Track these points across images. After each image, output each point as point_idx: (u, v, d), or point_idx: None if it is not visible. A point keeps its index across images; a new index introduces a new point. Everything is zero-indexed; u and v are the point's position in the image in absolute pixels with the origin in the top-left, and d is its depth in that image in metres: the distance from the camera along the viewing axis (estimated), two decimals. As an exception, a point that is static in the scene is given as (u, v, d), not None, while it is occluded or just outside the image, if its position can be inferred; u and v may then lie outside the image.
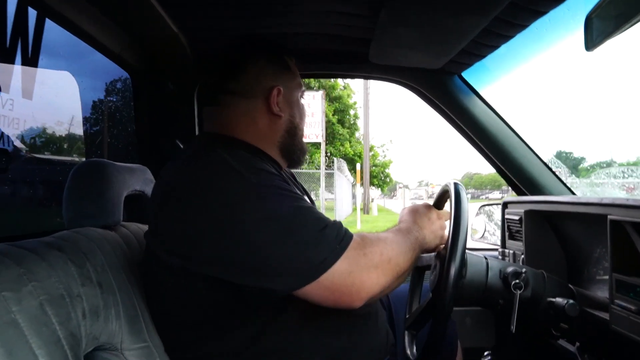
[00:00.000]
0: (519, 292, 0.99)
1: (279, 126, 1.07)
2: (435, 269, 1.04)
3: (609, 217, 0.95)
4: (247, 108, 1.04)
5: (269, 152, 1.06)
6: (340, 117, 20.94)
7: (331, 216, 1.18)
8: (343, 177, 16.46)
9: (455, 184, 1.01)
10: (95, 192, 1.00)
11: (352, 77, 1.56)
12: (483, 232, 1.75)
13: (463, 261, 0.97)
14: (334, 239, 0.84)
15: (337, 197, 14.78)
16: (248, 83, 1.04)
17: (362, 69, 1.52)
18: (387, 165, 25.02)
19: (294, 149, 1.11)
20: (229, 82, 1.05)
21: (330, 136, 20.16)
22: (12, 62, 1.11)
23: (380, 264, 0.86)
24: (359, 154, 20.67)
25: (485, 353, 1.49)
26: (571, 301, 0.95)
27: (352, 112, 21.71)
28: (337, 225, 0.87)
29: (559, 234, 1.29)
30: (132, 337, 0.87)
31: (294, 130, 1.10)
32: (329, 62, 1.48)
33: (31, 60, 1.14)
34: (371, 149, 23.07)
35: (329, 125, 19.65)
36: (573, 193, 1.48)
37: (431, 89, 1.50)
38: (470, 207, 0.99)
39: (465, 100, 1.48)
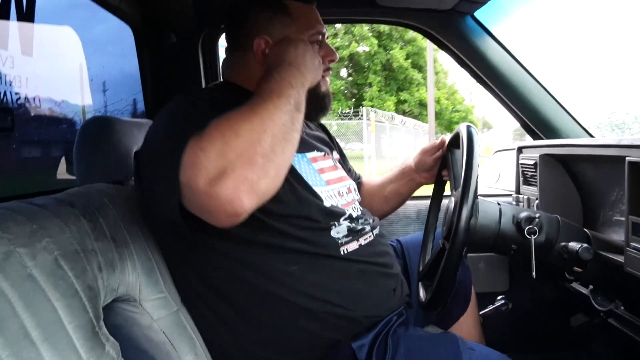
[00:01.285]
0: (533, 237, 0.98)
1: None
2: (447, 214, 1.04)
3: (627, 158, 0.92)
4: (242, 60, 1.04)
5: None
6: (414, 60, 18.96)
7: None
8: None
9: (468, 126, 0.99)
10: (104, 148, 1.00)
11: (360, 22, 1.50)
12: (498, 177, 1.73)
13: (475, 206, 0.96)
14: (174, 151, 0.71)
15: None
16: (240, 35, 1.03)
17: (370, 12, 1.46)
18: (470, 110, 21.88)
19: None
20: (227, 34, 1.06)
21: (404, 82, 18.67)
22: (7, 17, 1.09)
23: (227, 148, 0.69)
24: (437, 99, 18.32)
25: (499, 297, 1.51)
26: (585, 245, 0.94)
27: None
28: (187, 135, 0.71)
29: (575, 177, 1.26)
30: (149, 288, 0.89)
31: None
32: (335, 7, 1.42)
33: (27, 16, 1.11)
34: (453, 93, 21.25)
35: (400, 70, 18.45)
36: (591, 135, 1.44)
37: (443, 31, 1.43)
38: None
39: (478, 41, 1.42)
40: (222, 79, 1.12)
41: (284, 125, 0.75)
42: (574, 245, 0.95)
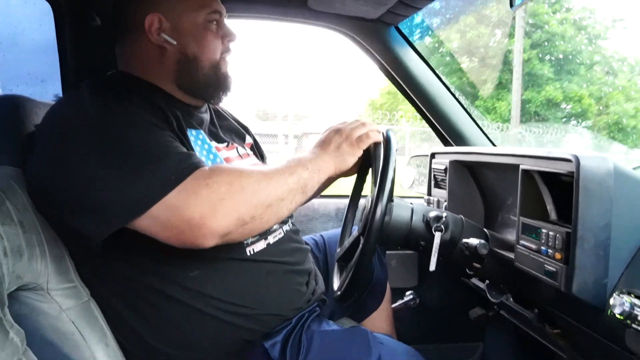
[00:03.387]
0: (439, 234, 1.07)
1: (169, 59, 0.98)
2: (364, 211, 1.10)
3: (521, 166, 1.03)
4: (133, 42, 0.99)
5: (164, 87, 1.00)
6: (542, 51, 14.76)
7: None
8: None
9: (387, 131, 1.05)
10: (12, 128, 0.94)
11: (291, 22, 1.52)
12: (412, 181, 1.84)
13: (389, 205, 1.03)
14: (172, 169, 0.78)
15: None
16: (128, 13, 0.98)
17: (301, 14, 1.49)
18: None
19: (196, 83, 1.00)
20: (117, 16, 1.01)
21: (528, 78, 14.65)
22: None
23: (228, 195, 0.78)
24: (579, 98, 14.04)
25: (408, 292, 1.61)
26: (482, 241, 1.04)
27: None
28: (184, 156, 0.81)
29: (479, 182, 1.38)
30: (58, 277, 0.85)
31: (188, 62, 0.98)
32: (265, 4, 1.44)
33: None
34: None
35: (525, 64, 14.40)
36: (493, 144, 1.58)
37: (368, 39, 1.51)
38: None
39: (400, 51, 1.51)
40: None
41: (283, 201, 0.86)
42: (473, 241, 1.05)
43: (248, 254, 0.94)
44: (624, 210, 0.85)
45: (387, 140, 1.00)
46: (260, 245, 0.97)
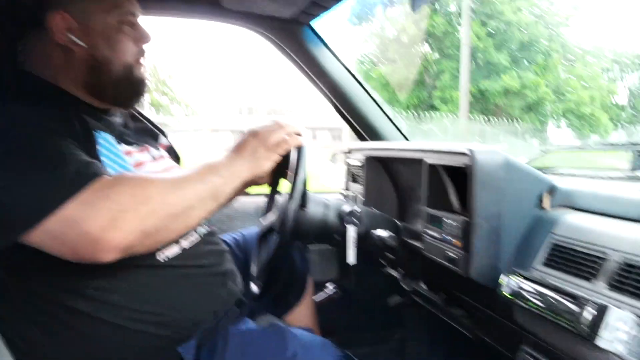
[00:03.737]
0: (352, 227, 1.12)
1: (76, 61, 0.92)
2: (280, 208, 1.11)
3: (426, 161, 1.10)
4: (36, 40, 0.92)
5: (69, 89, 0.94)
6: (498, 39, 14.54)
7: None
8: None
9: (300, 148, 1.07)
10: None
11: (204, 19, 1.50)
12: (331, 178, 1.88)
13: (304, 200, 1.06)
14: (69, 178, 0.74)
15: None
16: (28, 9, 0.91)
17: (214, 13, 1.48)
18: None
19: (106, 88, 0.95)
20: (14, 10, 0.93)
21: (486, 67, 14.45)
22: None
23: (130, 206, 0.74)
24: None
25: (329, 285, 1.65)
26: (392, 233, 1.10)
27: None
28: (83, 164, 0.77)
29: (393, 176, 1.45)
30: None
31: (98, 66, 0.93)
32: (178, 2, 1.41)
33: None
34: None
35: (482, 52, 14.17)
36: (407, 139, 1.66)
37: (283, 38, 1.52)
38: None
39: (314, 50, 1.53)
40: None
41: (192, 210, 0.83)
42: (383, 233, 1.10)
43: (161, 260, 0.91)
44: (512, 198, 0.94)
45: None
46: (174, 251, 0.94)
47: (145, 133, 1.11)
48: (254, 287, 1.09)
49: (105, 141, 0.92)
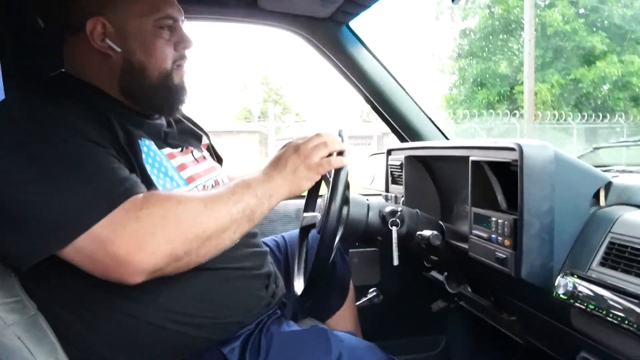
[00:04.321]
0: (395, 228, 1.09)
1: (113, 65, 0.91)
2: (321, 210, 1.10)
3: (470, 158, 1.06)
4: (77, 45, 0.92)
5: (111, 92, 0.94)
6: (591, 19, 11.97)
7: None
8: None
9: (339, 131, 1.05)
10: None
11: (242, 22, 1.51)
12: (372, 179, 1.86)
13: (345, 199, 1.04)
14: (101, 195, 0.73)
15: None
16: (69, 14, 0.91)
17: (252, 14, 1.49)
18: None
19: (143, 93, 0.94)
20: (58, 17, 0.94)
21: (576, 53, 12.06)
22: None
23: (160, 228, 0.73)
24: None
25: (371, 290, 1.62)
26: (435, 232, 1.06)
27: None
28: (117, 181, 0.76)
29: (434, 176, 1.41)
30: (1, 291, 0.82)
31: (133, 71, 0.91)
32: (215, 5, 1.43)
33: None
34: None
35: (571, 36, 11.99)
36: (446, 138, 1.62)
37: (320, 38, 1.51)
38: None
39: (352, 49, 1.52)
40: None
41: (225, 232, 0.80)
42: (426, 232, 1.07)
43: (202, 262, 0.90)
44: (565, 195, 0.88)
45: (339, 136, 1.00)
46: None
47: (186, 134, 1.11)
48: (297, 289, 1.08)
49: (147, 148, 0.93)
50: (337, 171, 0.92)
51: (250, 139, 16.62)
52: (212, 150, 1.21)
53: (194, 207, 0.77)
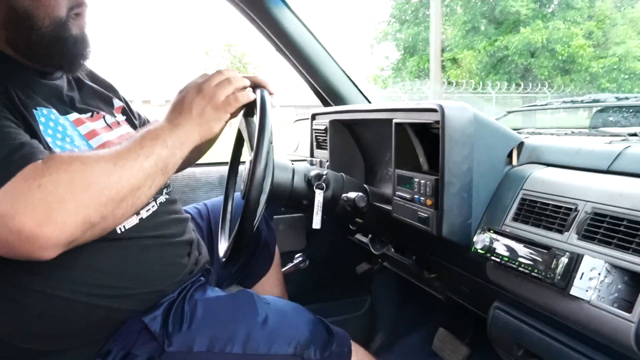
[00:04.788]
0: (320, 192, 1.08)
1: None
2: (244, 173, 1.06)
3: (393, 120, 1.07)
4: None
5: (4, 50, 0.84)
6: None
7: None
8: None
9: (261, 91, 1.01)
10: None
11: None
12: (297, 146, 1.84)
13: (269, 164, 1.01)
14: None
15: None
16: None
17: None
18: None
19: (32, 47, 0.84)
20: None
21: (503, 19, 11.13)
22: None
23: (68, 195, 0.66)
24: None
25: (297, 255, 1.63)
26: (360, 194, 1.07)
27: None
28: (12, 147, 0.68)
29: (359, 140, 1.42)
30: None
31: (18, 17, 0.81)
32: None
33: None
34: None
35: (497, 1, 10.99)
36: (369, 101, 1.62)
37: (246, 2, 1.44)
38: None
39: (276, 12, 1.46)
40: None
41: (140, 190, 0.75)
42: (352, 194, 1.08)
43: (118, 232, 0.85)
44: (482, 156, 0.92)
45: (262, 101, 0.96)
46: (132, 221, 0.88)
47: (96, 96, 1.02)
48: (221, 255, 1.05)
49: (46, 118, 0.83)
50: (261, 129, 0.89)
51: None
52: (129, 113, 1.12)
53: (103, 168, 0.71)
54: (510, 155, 0.97)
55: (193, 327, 0.87)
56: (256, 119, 0.93)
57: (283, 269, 1.56)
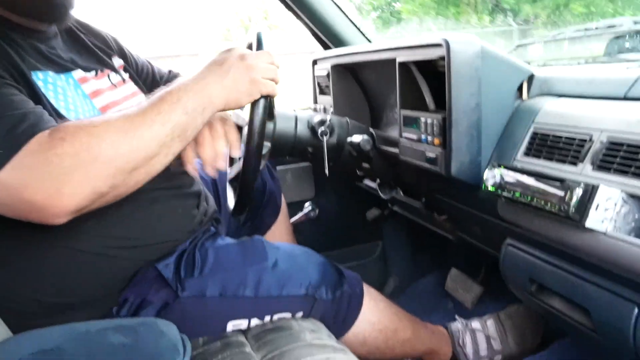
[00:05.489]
0: (325, 138, 1.06)
1: None
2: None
3: (397, 59, 1.02)
4: None
5: None
6: None
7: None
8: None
9: (258, 33, 0.96)
10: None
11: None
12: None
13: (270, 112, 0.98)
14: (3, 137, 0.65)
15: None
16: None
17: None
18: None
19: None
20: None
21: None
22: None
23: (76, 167, 0.65)
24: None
25: (306, 204, 1.62)
26: (365, 137, 1.04)
27: None
28: (18, 118, 0.67)
29: (362, 84, 1.38)
30: None
31: None
32: None
33: None
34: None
35: None
36: (369, 41, 1.55)
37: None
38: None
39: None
40: None
41: (154, 158, 0.71)
42: (356, 138, 1.05)
43: None
44: (491, 91, 0.88)
45: (258, 42, 0.92)
46: None
47: (95, 53, 0.98)
48: (229, 205, 1.05)
49: (44, 81, 0.81)
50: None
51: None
52: (133, 69, 1.08)
53: (112, 137, 0.68)
54: (520, 89, 0.93)
55: (205, 273, 0.88)
56: None
57: (293, 219, 1.56)
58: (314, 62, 1.48)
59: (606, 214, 0.66)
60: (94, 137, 0.67)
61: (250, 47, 0.89)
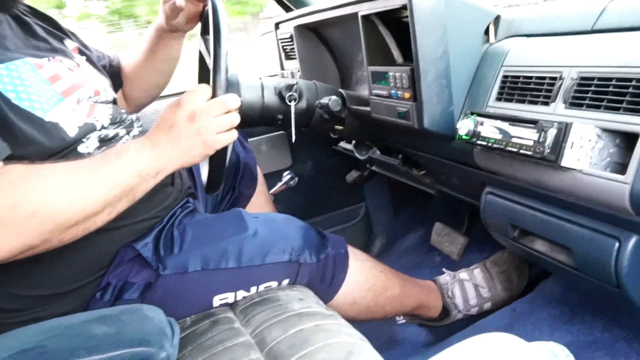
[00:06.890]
0: (293, 103, 1.02)
1: None
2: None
3: (359, 13, 0.98)
4: None
5: None
6: None
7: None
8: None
9: (212, 1, 0.91)
10: None
11: None
12: (266, 61, 1.74)
13: (233, 81, 0.94)
14: None
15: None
16: None
17: None
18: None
19: None
20: None
21: None
22: None
23: (7, 220, 0.62)
24: None
25: (285, 173, 1.60)
26: (333, 97, 1.01)
27: None
28: None
29: (328, 44, 1.33)
30: None
31: None
32: None
33: None
34: None
35: None
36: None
37: None
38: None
39: None
40: None
41: (96, 216, 0.69)
42: (324, 100, 1.02)
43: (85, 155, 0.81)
44: (457, 36, 0.85)
45: (214, 9, 0.86)
46: None
47: (48, 36, 0.93)
48: (203, 180, 1.02)
49: None
50: (216, 37, 0.80)
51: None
52: (86, 51, 1.03)
53: (54, 193, 0.65)
54: (487, 31, 0.90)
55: (184, 249, 0.87)
56: (211, 29, 0.84)
57: (272, 190, 1.54)
58: (276, 26, 1.42)
59: (581, 152, 0.65)
60: (34, 191, 0.64)
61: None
